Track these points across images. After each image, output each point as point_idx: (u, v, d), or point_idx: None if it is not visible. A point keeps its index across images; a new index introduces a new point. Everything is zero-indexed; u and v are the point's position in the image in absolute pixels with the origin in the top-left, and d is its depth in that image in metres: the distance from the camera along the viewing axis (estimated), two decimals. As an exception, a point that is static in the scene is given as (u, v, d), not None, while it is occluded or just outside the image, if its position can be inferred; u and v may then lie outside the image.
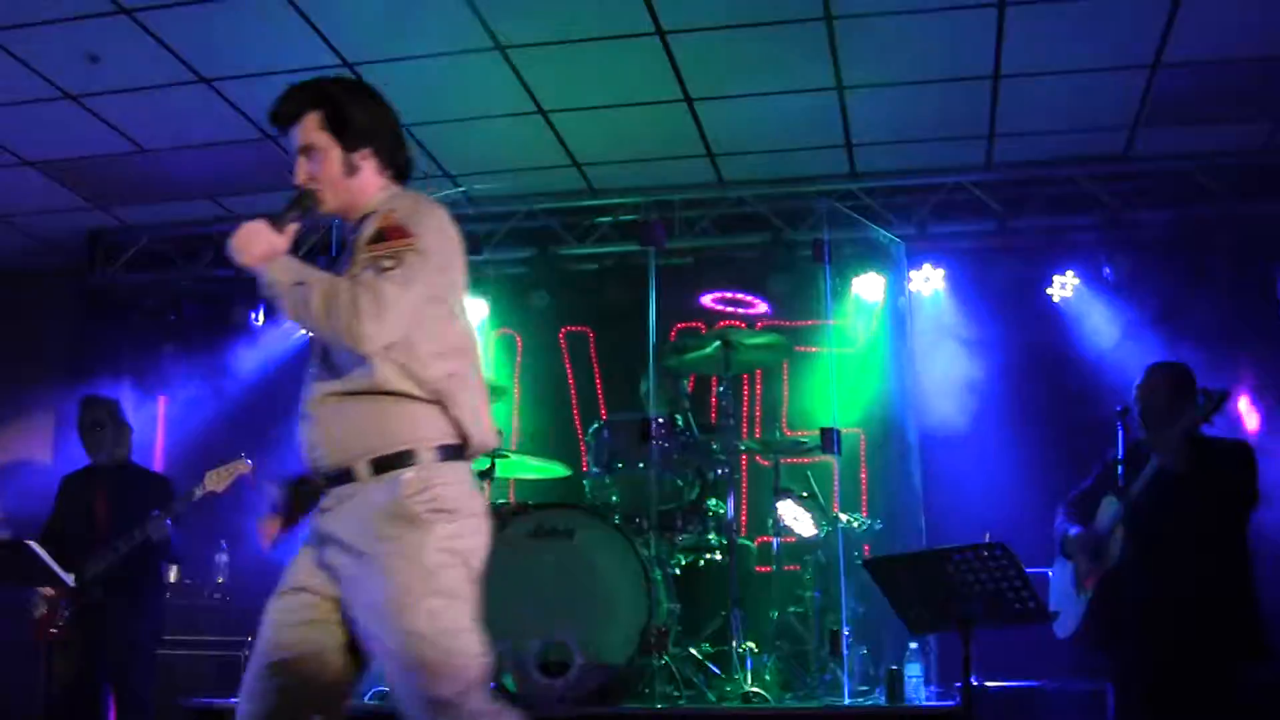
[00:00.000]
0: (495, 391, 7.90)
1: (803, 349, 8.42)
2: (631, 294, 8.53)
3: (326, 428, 3.68)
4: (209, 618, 8.64)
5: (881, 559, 5.92)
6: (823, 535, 7.25)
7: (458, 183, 8.80)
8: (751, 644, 6.78)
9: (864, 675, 6.73)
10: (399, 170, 3.93)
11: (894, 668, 6.48)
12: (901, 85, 7.56)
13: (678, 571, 7.10)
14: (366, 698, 6.96)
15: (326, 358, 3.72)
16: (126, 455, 7.80)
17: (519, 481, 8.49)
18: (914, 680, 6.46)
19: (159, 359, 9.64)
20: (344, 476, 3.63)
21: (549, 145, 8.35)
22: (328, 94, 3.83)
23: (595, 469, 7.37)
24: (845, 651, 6.64)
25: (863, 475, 8.46)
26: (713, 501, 7.20)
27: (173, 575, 8.03)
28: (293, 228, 3.73)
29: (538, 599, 6.55)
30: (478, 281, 9.07)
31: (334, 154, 3.79)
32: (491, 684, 6.32)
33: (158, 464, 8.96)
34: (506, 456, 7.61)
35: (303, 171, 3.80)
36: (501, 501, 7.94)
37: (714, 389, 8.10)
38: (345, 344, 3.54)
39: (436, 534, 3.53)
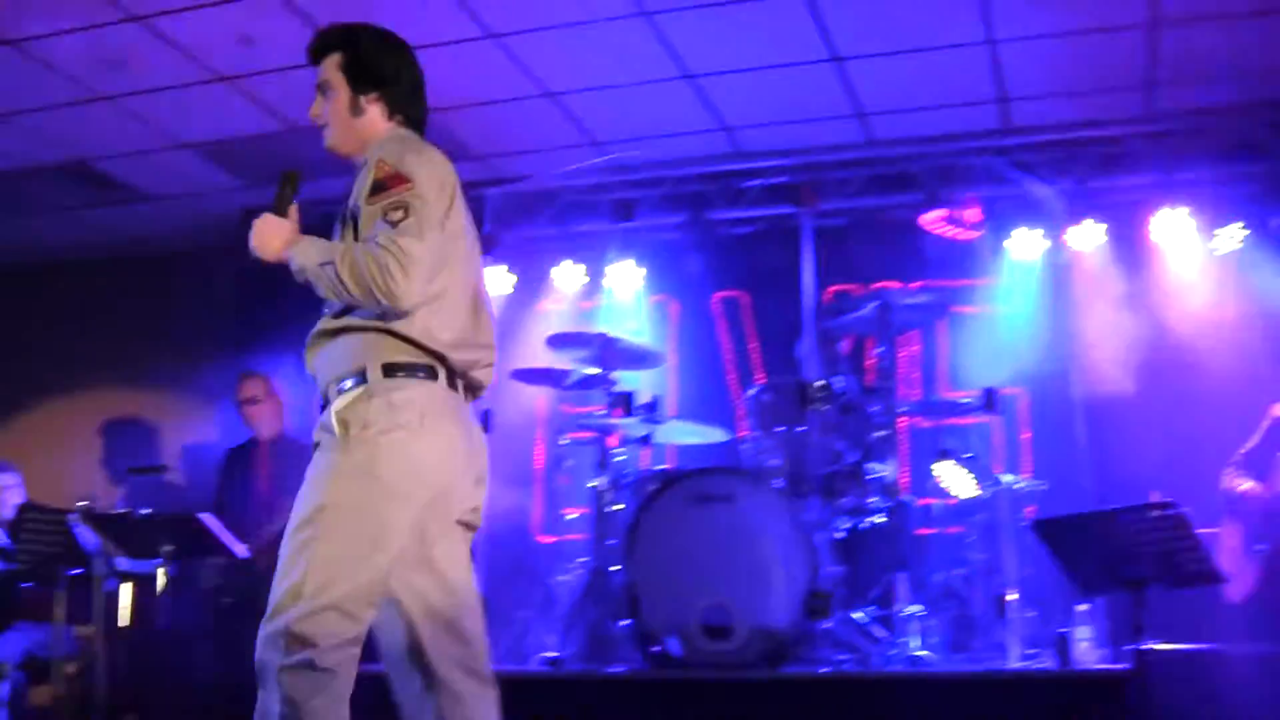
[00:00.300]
0: (651, 357, 7.92)
1: (960, 308, 8.31)
2: (784, 257, 8.48)
3: (315, 361, 3.87)
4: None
5: (1048, 520, 5.84)
6: (985, 496, 7.16)
7: (606, 150, 8.80)
8: (916, 607, 6.72)
9: (1032, 638, 6.63)
10: (409, 118, 4.07)
11: (1063, 630, 6.39)
12: (1056, 36, 7.40)
13: (840, 535, 7.06)
14: (535, 661, 7.02)
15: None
16: (282, 427, 7.96)
17: (677, 447, 8.49)
18: (1084, 643, 6.37)
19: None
20: (326, 402, 3.78)
21: (696, 110, 8.30)
22: (350, 37, 4.04)
23: (754, 433, 7.35)
24: (1012, 614, 6.56)
25: (1025, 435, 8.32)
26: (873, 464, 7.13)
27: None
28: (293, 208, 3.94)
29: (699, 565, 6.57)
30: (631, 248, 9.09)
31: (343, 93, 4.00)
32: (658, 647, 6.41)
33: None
34: (662, 422, 7.63)
35: (315, 106, 4.07)
36: (660, 467, 7.95)
37: (871, 350, 8.01)
38: (385, 307, 3.63)
39: (352, 459, 3.62)
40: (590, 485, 7.44)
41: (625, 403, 7.41)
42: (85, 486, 8.08)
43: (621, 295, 9.22)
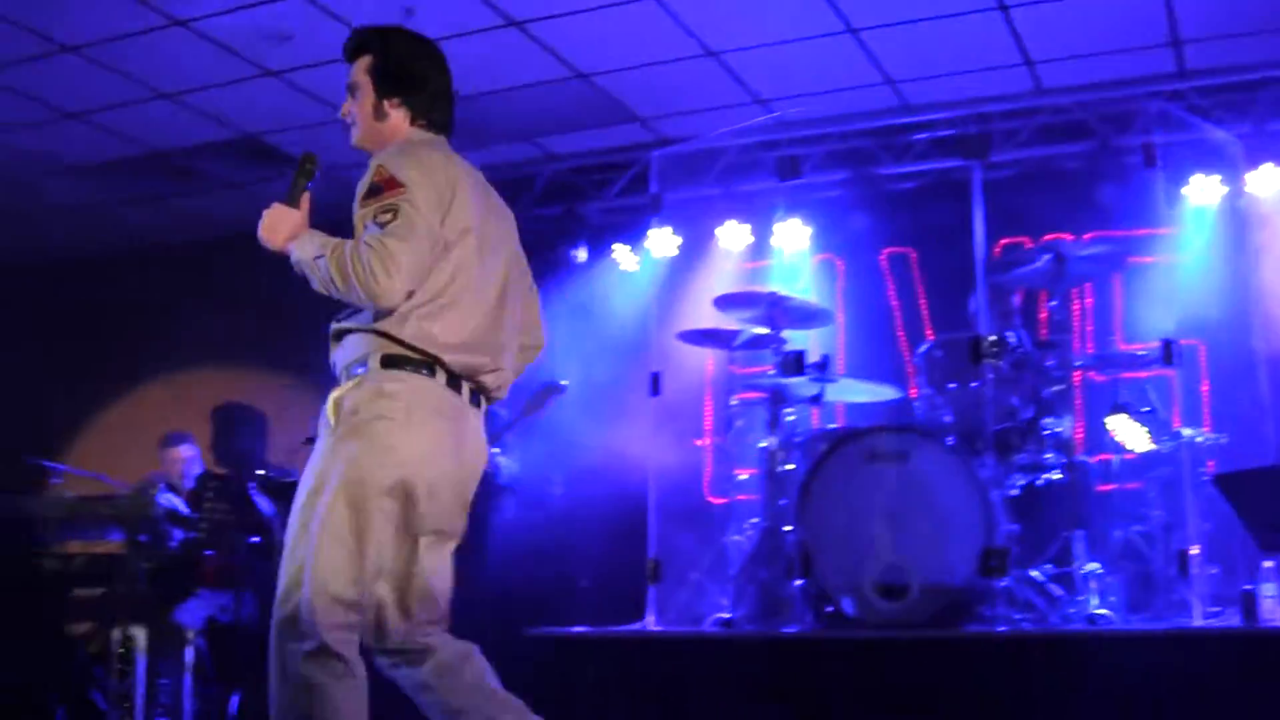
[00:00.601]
0: (818, 316, 7.84)
1: (1136, 259, 8.09)
2: (953, 211, 8.34)
3: (333, 358, 4.04)
4: (545, 547, 8.84)
5: (1231, 474, 5.71)
6: (1164, 451, 7.00)
7: (771, 108, 8.74)
8: (1094, 565, 6.60)
9: (1216, 596, 6.48)
10: (433, 124, 4.20)
11: (1248, 587, 6.23)
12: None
13: (1015, 492, 6.94)
14: (708, 622, 7.04)
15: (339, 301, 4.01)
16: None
17: (848, 405, 8.43)
18: (1270, 600, 6.20)
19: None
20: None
21: (860, 64, 8.21)
22: (381, 42, 4.18)
23: (926, 390, 7.26)
24: (1194, 571, 6.41)
25: (1204, 388, 8.10)
26: (1048, 419, 6.99)
27: (508, 507, 8.23)
28: (305, 196, 4.07)
29: (873, 523, 6.53)
30: (797, 206, 9.01)
31: (369, 96, 4.13)
32: (831, 607, 6.38)
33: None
34: (821, 377, 7.54)
35: (344, 106, 4.20)
36: (831, 426, 7.89)
37: (1044, 304, 7.85)
38: (368, 303, 3.81)
39: (340, 445, 3.78)
40: (761, 445, 7.41)
41: (795, 362, 7.35)
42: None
43: (788, 254, 9.14)
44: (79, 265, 11.55)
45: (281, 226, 4.00)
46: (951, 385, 7.11)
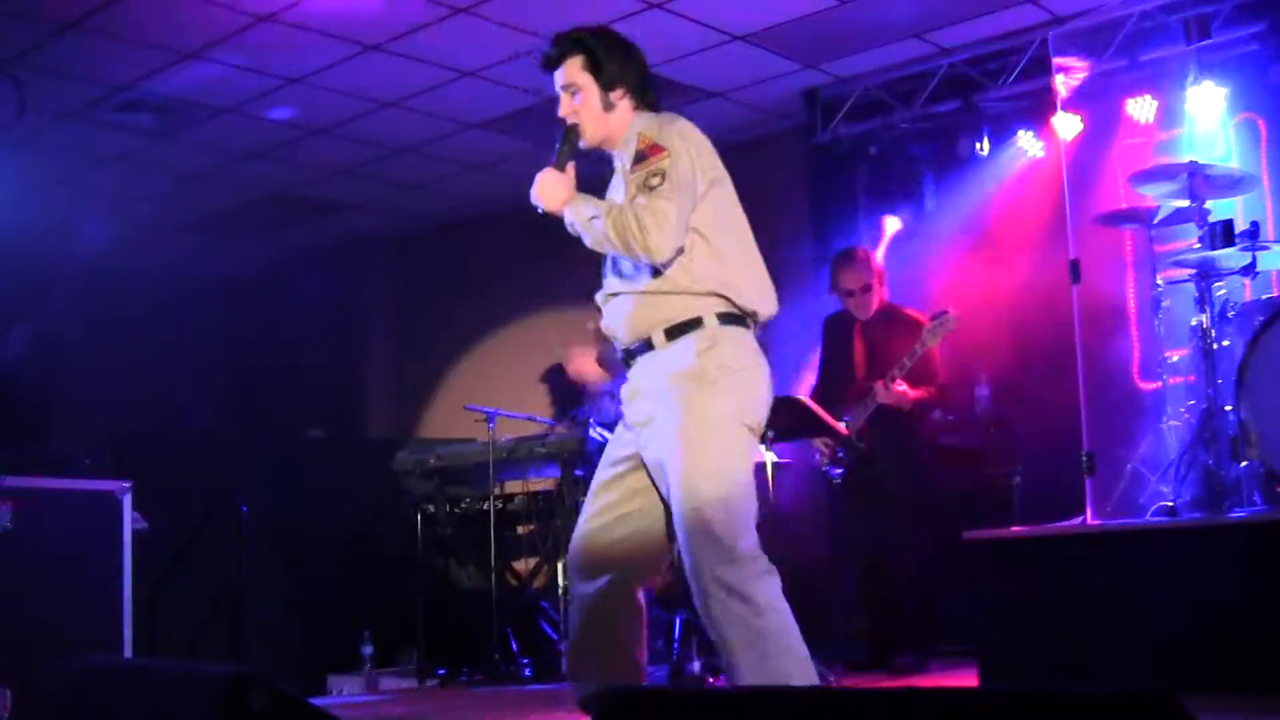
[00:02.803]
0: (1242, 182, 7.41)
1: None
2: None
3: (623, 314, 4.44)
4: (978, 451, 8.73)
5: None
6: None
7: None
8: None
9: None
10: (648, 104, 4.58)
11: None
12: None
13: None
14: (1151, 512, 6.78)
15: (616, 260, 4.47)
16: (882, 298, 7.94)
17: (1283, 273, 7.96)
18: None
19: (893, 203, 9.73)
20: (644, 346, 4.37)
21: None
22: (586, 42, 4.53)
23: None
24: None
25: None
26: None
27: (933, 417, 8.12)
28: (571, 165, 4.48)
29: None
30: (1209, 68, 8.50)
31: (594, 92, 4.49)
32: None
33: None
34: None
35: (566, 106, 4.54)
36: (1268, 297, 7.47)
37: None
38: (643, 260, 4.24)
39: (718, 389, 4.21)
40: (1192, 323, 7.07)
41: (1223, 232, 6.96)
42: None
43: (1203, 120, 8.62)
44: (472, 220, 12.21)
45: (556, 191, 4.39)
46: None
